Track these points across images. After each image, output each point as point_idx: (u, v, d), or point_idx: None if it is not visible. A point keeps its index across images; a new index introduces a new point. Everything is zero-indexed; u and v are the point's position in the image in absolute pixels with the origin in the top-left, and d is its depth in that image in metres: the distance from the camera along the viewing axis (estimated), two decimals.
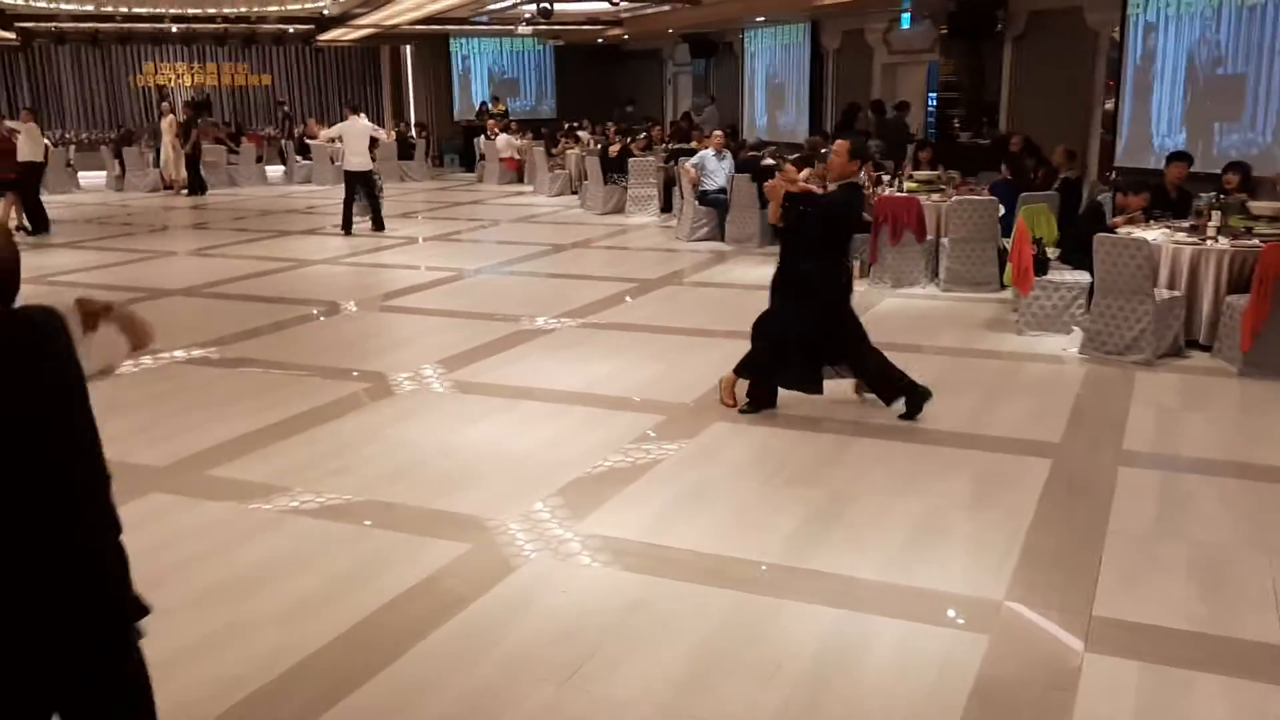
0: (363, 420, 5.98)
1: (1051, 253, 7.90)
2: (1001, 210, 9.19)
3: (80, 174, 20.11)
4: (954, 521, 4.46)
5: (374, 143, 13.92)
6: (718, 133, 13.49)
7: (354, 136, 13.27)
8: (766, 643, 3.51)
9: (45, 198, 17.93)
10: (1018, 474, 4.98)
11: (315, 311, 8.93)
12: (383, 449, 5.44)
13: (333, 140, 14.23)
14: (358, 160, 13.24)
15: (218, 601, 3.82)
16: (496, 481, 4.95)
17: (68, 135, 22.96)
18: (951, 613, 3.69)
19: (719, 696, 3.22)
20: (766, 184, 6.04)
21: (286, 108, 24.55)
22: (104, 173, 20.11)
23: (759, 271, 10.48)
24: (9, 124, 13.53)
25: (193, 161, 18.53)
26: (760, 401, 5.87)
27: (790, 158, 7.34)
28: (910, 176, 10.44)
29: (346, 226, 13.22)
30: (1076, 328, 7.35)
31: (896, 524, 4.42)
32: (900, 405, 5.75)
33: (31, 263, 11.58)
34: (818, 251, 5.68)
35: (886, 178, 10.79)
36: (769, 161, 11.86)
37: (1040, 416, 5.81)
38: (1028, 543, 4.22)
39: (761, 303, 5.95)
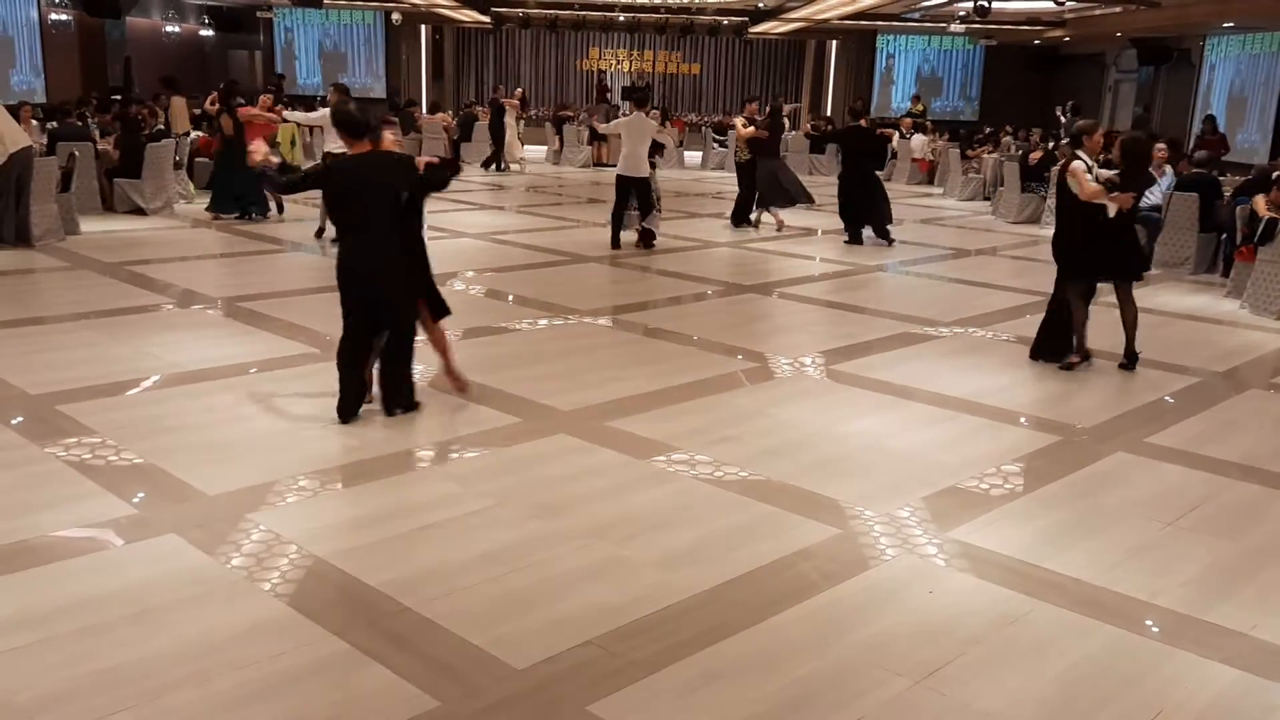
0: (749, 397, 6.19)
1: None
2: None
3: (526, 146, 22.29)
4: None
5: (656, 148, 11.54)
6: (1160, 146, 12.35)
7: (633, 135, 11.00)
8: (1148, 688, 3.24)
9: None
10: None
11: (710, 291, 9.32)
12: (766, 426, 5.60)
13: (618, 135, 11.42)
14: (628, 163, 10.97)
15: (604, 537, 4.15)
16: (872, 476, 4.94)
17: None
18: None
19: None
20: None
21: (521, 90, 22.46)
22: (545, 147, 22.17)
23: (1188, 301, 9.53)
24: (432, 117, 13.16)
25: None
26: None
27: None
28: None
29: (613, 242, 11.12)
30: None
31: None
32: None
33: (480, 221, 13.07)
34: None
35: None
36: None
37: None
38: None
39: (1220, 334, 5.42)
